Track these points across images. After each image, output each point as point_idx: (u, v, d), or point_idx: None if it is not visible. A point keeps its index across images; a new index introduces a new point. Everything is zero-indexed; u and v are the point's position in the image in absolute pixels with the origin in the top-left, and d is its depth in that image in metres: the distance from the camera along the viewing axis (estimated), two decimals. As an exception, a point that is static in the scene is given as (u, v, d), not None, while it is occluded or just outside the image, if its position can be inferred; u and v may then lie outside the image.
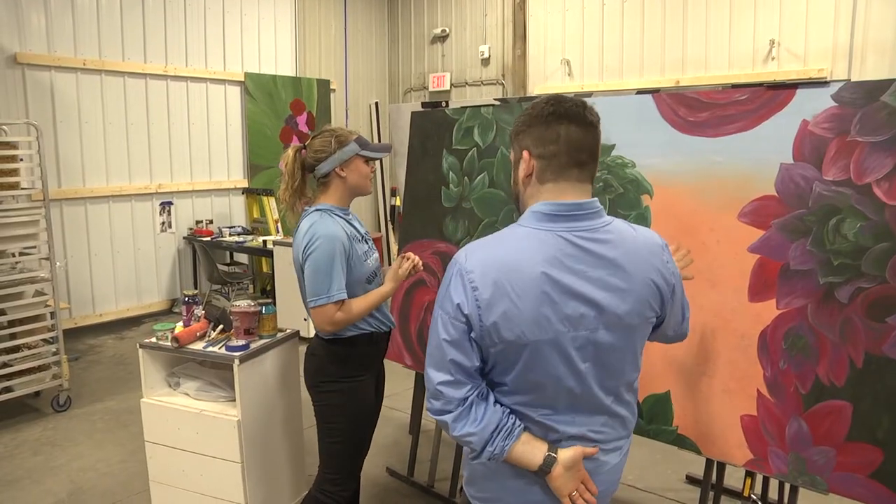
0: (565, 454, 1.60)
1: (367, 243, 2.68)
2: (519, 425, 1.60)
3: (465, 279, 1.56)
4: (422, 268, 2.75)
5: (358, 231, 2.64)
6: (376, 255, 2.72)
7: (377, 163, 2.67)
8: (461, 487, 1.86)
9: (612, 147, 2.79)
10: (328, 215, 2.52)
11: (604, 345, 1.58)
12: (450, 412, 1.59)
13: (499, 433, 1.58)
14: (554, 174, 1.58)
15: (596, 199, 1.62)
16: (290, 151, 2.63)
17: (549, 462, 1.59)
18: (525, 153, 1.61)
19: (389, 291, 2.65)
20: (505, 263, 1.54)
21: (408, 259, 2.69)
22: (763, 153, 2.42)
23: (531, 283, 1.51)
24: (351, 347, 2.59)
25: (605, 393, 1.63)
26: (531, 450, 1.60)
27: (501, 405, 1.62)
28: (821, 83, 2.32)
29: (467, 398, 1.59)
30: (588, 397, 1.61)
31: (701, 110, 2.57)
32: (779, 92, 2.40)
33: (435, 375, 1.61)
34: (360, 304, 2.53)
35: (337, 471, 2.64)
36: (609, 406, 1.65)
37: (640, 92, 2.79)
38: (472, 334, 1.56)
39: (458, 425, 1.59)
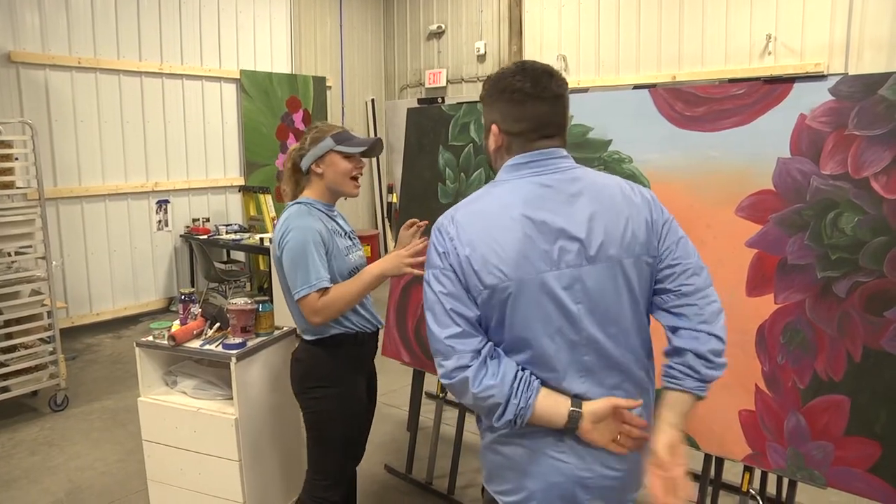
0: (591, 406, 1.54)
1: (352, 240, 2.62)
2: (535, 377, 1.55)
3: (443, 232, 1.60)
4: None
5: (341, 227, 2.59)
6: (362, 252, 2.66)
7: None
8: (483, 482, 1.78)
9: (609, 142, 2.79)
10: (306, 208, 2.48)
11: (594, 284, 1.53)
12: (467, 367, 1.53)
13: (518, 384, 1.52)
14: (521, 147, 1.62)
15: (562, 148, 1.63)
16: (291, 150, 2.62)
17: (574, 417, 1.53)
18: (494, 127, 1.64)
19: (376, 273, 2.45)
20: (480, 212, 1.59)
21: (413, 263, 2.43)
22: (760, 147, 2.42)
23: (507, 224, 1.53)
24: (336, 348, 2.52)
25: (613, 343, 1.57)
26: (554, 402, 1.54)
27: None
28: (818, 77, 2.32)
29: (480, 350, 1.54)
30: (594, 349, 1.56)
31: (698, 105, 2.57)
32: (776, 86, 2.40)
33: (441, 331, 1.57)
34: (341, 290, 2.41)
35: (327, 476, 2.60)
36: (620, 360, 1.59)
37: (636, 87, 2.78)
38: (462, 283, 1.55)
39: (478, 380, 1.52)
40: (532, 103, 1.58)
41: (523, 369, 1.55)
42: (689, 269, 1.61)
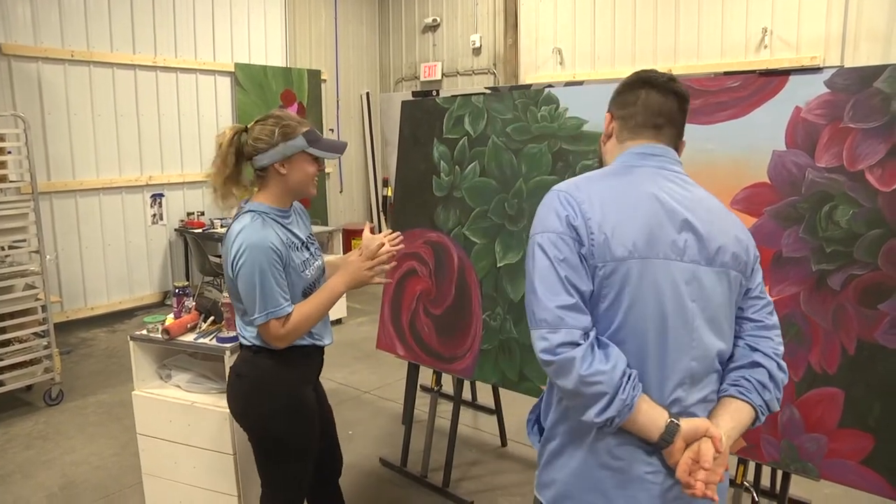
0: (690, 424, 1.43)
1: (309, 249, 2.36)
2: (639, 382, 1.45)
3: (569, 197, 1.51)
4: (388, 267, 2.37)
5: (297, 236, 2.31)
6: (320, 262, 2.42)
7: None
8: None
9: (604, 135, 2.78)
10: (261, 219, 2.19)
11: (709, 286, 1.49)
12: (577, 345, 1.40)
13: (628, 379, 1.41)
14: (630, 133, 1.63)
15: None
16: (228, 132, 2.25)
17: (671, 430, 1.42)
18: (608, 115, 1.67)
19: (340, 291, 2.28)
20: (608, 186, 1.55)
21: (381, 256, 2.30)
22: (755, 140, 2.42)
23: (638, 200, 1.50)
24: (281, 360, 2.28)
25: (711, 357, 1.52)
26: (652, 409, 1.43)
27: None
28: (814, 70, 2.31)
29: (589, 332, 1.43)
30: (699, 356, 1.49)
31: (693, 97, 2.53)
32: (771, 79, 2.40)
33: (551, 299, 1.44)
34: (305, 310, 2.22)
35: (291, 491, 2.41)
36: (714, 373, 1.54)
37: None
38: (583, 250, 1.45)
39: (587, 362, 1.39)
40: (646, 90, 1.61)
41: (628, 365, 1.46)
42: (771, 306, 1.62)
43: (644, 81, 1.62)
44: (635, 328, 1.46)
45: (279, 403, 2.31)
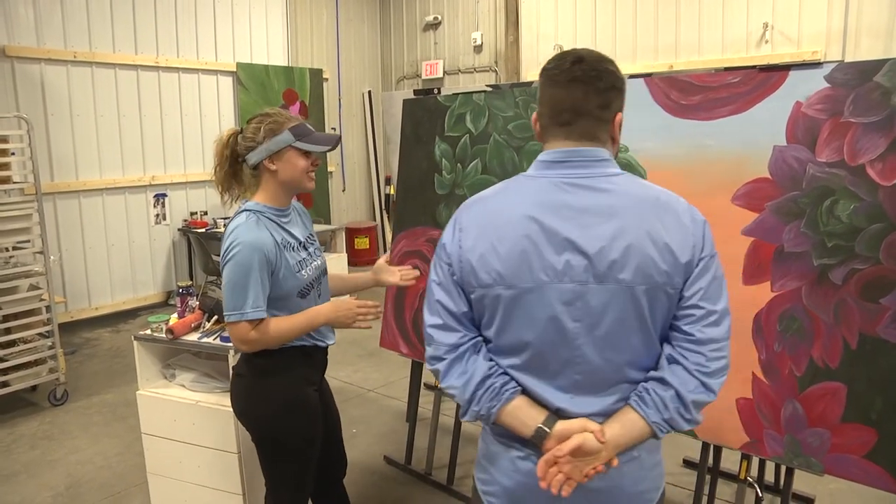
0: (562, 426, 1.46)
1: (307, 249, 2.34)
2: (512, 389, 1.50)
3: (455, 223, 1.57)
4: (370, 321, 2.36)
5: (294, 237, 2.30)
6: (318, 262, 2.40)
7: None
8: (473, 476, 1.76)
9: (605, 132, 2.78)
10: (256, 218, 2.19)
11: (598, 304, 1.43)
12: (441, 360, 1.55)
13: (485, 391, 1.50)
14: (545, 133, 1.55)
15: (602, 149, 1.50)
16: (225, 134, 2.28)
17: (539, 435, 1.47)
18: (534, 114, 1.60)
19: (321, 322, 2.28)
20: (493, 207, 1.53)
21: (366, 314, 2.31)
22: (756, 136, 2.42)
23: (514, 225, 1.47)
24: (281, 361, 2.29)
25: (609, 370, 1.47)
26: (523, 416, 1.49)
27: (496, 364, 1.54)
28: (814, 65, 2.32)
29: (459, 346, 1.54)
30: (587, 371, 1.47)
31: (693, 94, 2.57)
32: (771, 74, 2.40)
33: (427, 318, 1.59)
34: (284, 326, 2.21)
35: (296, 490, 2.41)
36: (615, 387, 1.49)
37: (632, 76, 2.77)
38: (455, 277, 1.53)
39: (447, 376, 1.54)
40: (549, 87, 1.51)
41: (501, 374, 1.52)
42: (712, 317, 1.46)
43: (543, 74, 1.52)
44: (513, 345, 1.51)
45: (278, 403, 2.31)
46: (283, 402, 2.31)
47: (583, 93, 1.46)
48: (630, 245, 1.42)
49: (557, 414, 1.49)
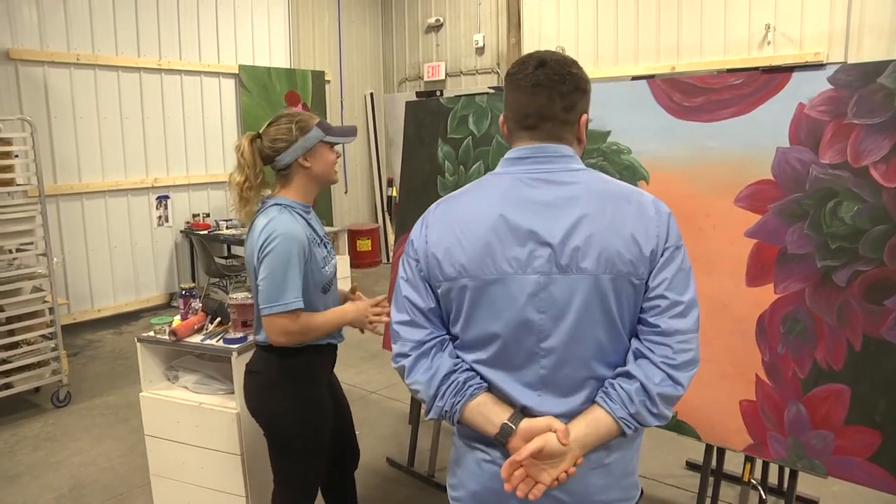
0: (527, 424, 1.44)
1: (327, 248, 2.40)
2: (476, 384, 1.49)
3: (423, 220, 1.60)
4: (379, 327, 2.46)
5: (317, 234, 2.36)
6: (335, 261, 2.47)
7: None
8: None
9: (608, 133, 2.79)
10: (288, 212, 2.25)
11: (562, 295, 1.43)
12: (407, 356, 1.54)
13: (449, 386, 1.49)
14: (512, 136, 1.57)
15: (566, 146, 1.52)
16: (245, 141, 2.31)
17: (504, 431, 1.44)
18: (501, 117, 1.62)
19: (348, 321, 2.38)
20: (459, 204, 1.56)
21: (381, 315, 2.44)
22: (759, 137, 2.42)
23: (478, 218, 1.49)
24: (294, 357, 2.32)
25: (575, 365, 1.46)
26: (488, 413, 1.47)
27: (461, 361, 1.54)
28: (817, 66, 2.31)
29: (424, 343, 1.54)
30: (552, 364, 1.46)
31: (696, 95, 2.57)
32: (774, 76, 2.40)
33: (394, 315, 1.59)
34: (319, 321, 2.28)
35: (295, 489, 2.45)
36: (582, 381, 1.48)
37: (635, 78, 2.78)
38: (422, 273, 1.55)
39: (412, 372, 1.53)
40: (512, 92, 1.53)
41: (466, 370, 1.51)
42: (678, 307, 1.45)
43: (507, 79, 1.54)
44: (478, 338, 1.51)
45: (291, 401, 2.34)
46: (295, 400, 2.35)
47: (546, 97, 1.49)
48: (593, 234, 1.43)
49: (523, 412, 1.48)
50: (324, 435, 2.43)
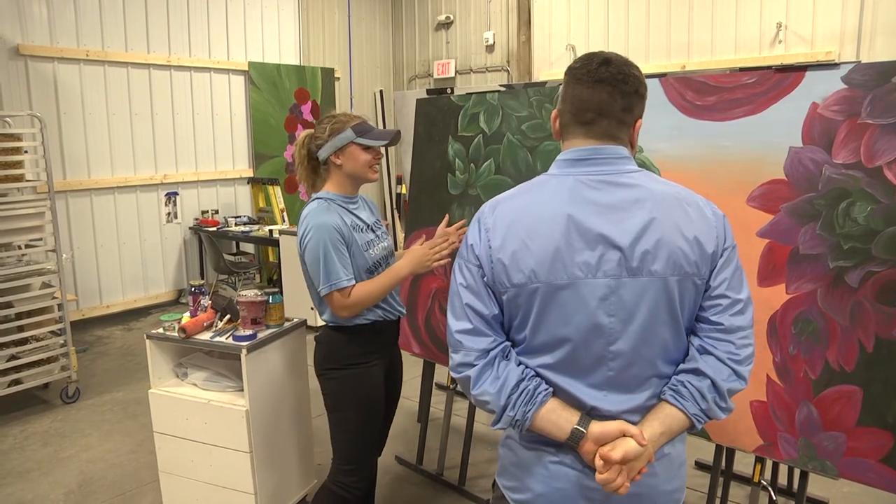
0: (598, 428, 1.45)
1: (374, 232, 2.61)
2: (544, 390, 1.49)
3: (481, 222, 1.56)
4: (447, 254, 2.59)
5: (363, 220, 2.57)
6: (386, 244, 2.65)
7: (384, 149, 2.59)
8: (496, 475, 1.74)
9: (619, 132, 2.77)
10: (325, 205, 2.48)
11: (632, 298, 1.45)
12: (472, 366, 1.51)
13: (519, 395, 1.48)
14: (565, 131, 1.56)
15: (620, 147, 1.52)
16: (302, 136, 2.61)
17: (575, 436, 1.46)
18: (554, 111, 1.60)
19: (404, 274, 2.54)
20: (521, 205, 1.53)
21: (441, 244, 2.58)
22: (772, 137, 2.40)
23: (545, 222, 1.47)
24: (354, 335, 2.55)
25: (641, 365, 1.49)
26: (557, 419, 1.48)
27: (526, 367, 1.53)
28: (830, 65, 2.29)
29: (489, 351, 1.52)
30: (620, 367, 1.47)
31: (708, 94, 2.55)
32: (787, 75, 2.38)
33: (454, 324, 1.56)
34: (373, 285, 2.48)
35: (347, 461, 2.60)
36: (649, 382, 1.51)
37: (647, 76, 2.76)
38: (485, 278, 1.52)
39: (479, 382, 1.51)
40: (573, 85, 1.52)
41: (533, 377, 1.51)
42: (738, 305, 1.50)
43: (569, 73, 1.54)
44: (546, 343, 1.50)
45: (343, 374, 2.56)
46: (348, 372, 2.56)
47: (608, 94, 1.49)
48: (661, 237, 1.44)
49: (591, 413, 1.49)
50: (372, 412, 2.61)
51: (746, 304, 1.52)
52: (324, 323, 2.61)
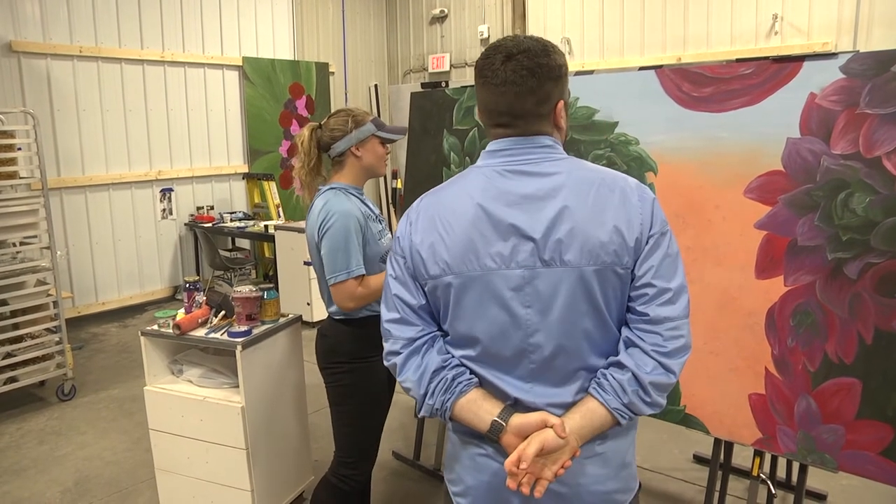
0: (518, 420, 1.42)
1: (381, 223, 2.65)
2: (467, 380, 1.48)
3: (408, 216, 1.57)
4: None
5: (372, 211, 2.62)
6: (391, 235, 2.63)
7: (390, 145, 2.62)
8: None
9: (616, 124, 2.75)
10: (343, 193, 2.51)
11: (547, 288, 1.41)
12: (398, 354, 1.53)
13: (438, 384, 1.48)
14: (487, 130, 1.55)
15: (546, 136, 1.49)
16: (306, 130, 2.61)
17: (495, 428, 1.43)
18: (476, 108, 1.59)
19: None
20: (441, 198, 1.54)
21: None
22: (769, 128, 2.38)
23: (459, 214, 1.47)
24: (360, 329, 2.54)
25: (565, 357, 1.44)
26: (477, 409, 1.46)
27: (451, 357, 1.52)
28: (828, 55, 2.27)
29: (415, 340, 1.52)
30: (542, 359, 1.44)
31: (705, 85, 2.53)
32: (785, 65, 2.36)
33: (385, 314, 1.57)
34: (380, 278, 2.46)
35: (349, 454, 2.61)
36: (573, 374, 1.46)
37: (643, 68, 2.74)
38: (410, 270, 1.53)
39: (403, 370, 1.52)
40: (481, 87, 1.48)
41: (456, 367, 1.50)
42: (666, 294, 1.43)
43: (476, 71, 1.48)
44: (465, 335, 1.49)
45: (348, 368, 2.56)
46: (353, 365, 2.56)
47: (514, 94, 1.44)
48: (574, 226, 1.40)
49: (515, 405, 1.47)
50: (377, 405, 2.63)
51: (678, 292, 1.45)
52: (328, 315, 2.62)
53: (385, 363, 1.58)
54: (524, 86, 1.43)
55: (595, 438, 1.47)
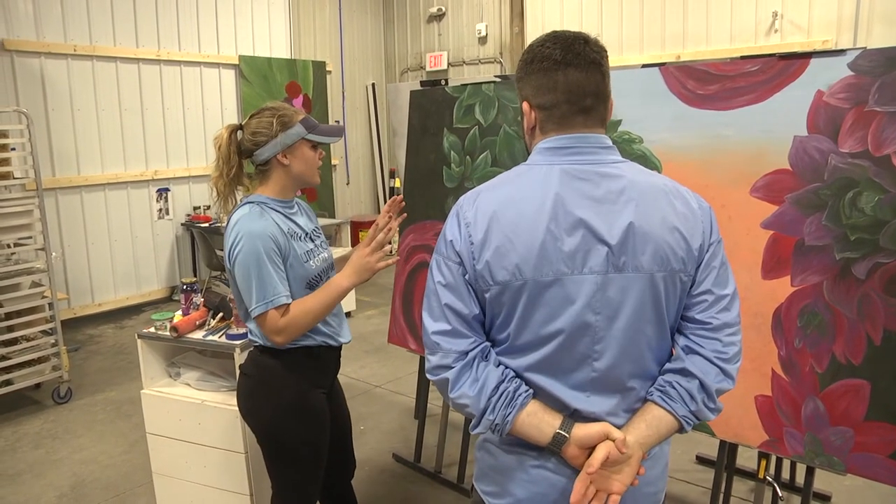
0: (581, 431, 1.39)
1: (314, 241, 2.29)
2: (524, 392, 1.42)
3: (460, 216, 1.46)
4: (391, 247, 2.24)
5: (301, 227, 2.25)
6: (326, 254, 2.34)
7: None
8: (473, 479, 1.68)
9: (619, 122, 2.72)
10: (259, 209, 2.14)
11: (617, 295, 1.38)
12: (449, 368, 1.43)
13: (499, 398, 1.40)
14: (555, 125, 1.45)
15: (604, 135, 1.45)
16: (225, 132, 2.23)
17: (558, 441, 1.39)
18: (525, 105, 1.49)
19: (346, 286, 2.18)
20: (502, 198, 1.43)
21: (381, 239, 2.20)
22: (775, 126, 2.35)
23: (528, 215, 1.38)
24: (289, 358, 2.23)
25: (625, 364, 1.42)
26: (538, 422, 1.41)
27: (506, 369, 1.45)
28: (836, 52, 2.24)
29: (468, 353, 1.43)
30: (604, 367, 1.41)
31: (710, 83, 2.50)
32: (791, 62, 2.33)
33: (431, 325, 1.47)
34: (311, 303, 2.14)
35: (297, 497, 2.34)
36: (632, 382, 1.44)
37: (646, 66, 2.71)
38: (467, 276, 1.43)
39: (457, 385, 1.42)
40: (563, 71, 1.40)
41: (513, 379, 1.44)
42: (723, 301, 1.44)
43: (559, 62, 1.41)
44: (530, 342, 1.42)
45: (283, 406, 2.24)
46: (287, 404, 2.24)
47: (602, 75, 1.43)
48: (648, 231, 1.38)
49: (573, 416, 1.43)
50: (319, 443, 2.31)
51: (732, 299, 1.46)
52: (253, 347, 2.32)
53: (430, 377, 1.48)
54: (605, 66, 1.44)
55: None
